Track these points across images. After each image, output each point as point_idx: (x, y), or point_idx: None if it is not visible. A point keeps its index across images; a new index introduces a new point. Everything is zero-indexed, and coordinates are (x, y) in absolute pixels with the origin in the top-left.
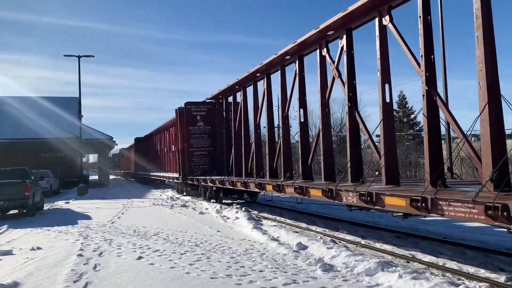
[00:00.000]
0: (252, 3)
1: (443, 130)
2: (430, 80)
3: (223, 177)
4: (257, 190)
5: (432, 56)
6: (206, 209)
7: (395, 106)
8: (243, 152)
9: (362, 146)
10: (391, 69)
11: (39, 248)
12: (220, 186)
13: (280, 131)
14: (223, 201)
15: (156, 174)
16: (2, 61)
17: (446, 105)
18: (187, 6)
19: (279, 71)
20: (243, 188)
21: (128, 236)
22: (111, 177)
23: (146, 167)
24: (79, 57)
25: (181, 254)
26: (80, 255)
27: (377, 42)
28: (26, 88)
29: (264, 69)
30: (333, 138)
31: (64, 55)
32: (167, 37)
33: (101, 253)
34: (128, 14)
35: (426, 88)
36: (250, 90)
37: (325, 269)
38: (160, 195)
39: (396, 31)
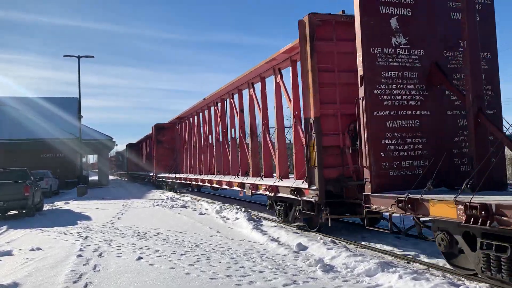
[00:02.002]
0: (253, 3)
1: None
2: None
3: None
4: None
5: None
6: (206, 209)
7: None
8: None
9: None
10: None
11: (38, 249)
12: None
13: None
14: None
15: (215, 179)
16: (2, 61)
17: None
18: (187, 6)
19: None
20: None
21: (128, 236)
22: (111, 177)
23: (172, 166)
24: (78, 57)
25: (181, 254)
26: (79, 255)
27: None
28: (26, 88)
29: None
30: None
31: (64, 56)
32: (167, 37)
33: (101, 253)
34: (128, 14)
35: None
36: None
37: (325, 270)
38: (160, 195)
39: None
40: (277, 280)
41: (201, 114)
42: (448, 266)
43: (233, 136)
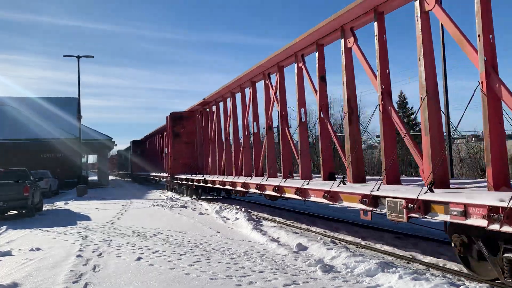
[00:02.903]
0: (252, 3)
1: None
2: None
3: None
4: None
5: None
6: (206, 210)
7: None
8: None
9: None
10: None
11: (38, 249)
12: None
13: None
14: None
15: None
16: (2, 61)
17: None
18: (187, 6)
19: None
20: None
21: (128, 236)
22: (112, 177)
23: (193, 166)
24: (78, 57)
25: (181, 255)
26: (79, 256)
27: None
28: (25, 88)
29: None
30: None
31: (64, 56)
32: (167, 37)
33: (101, 254)
34: (128, 14)
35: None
36: None
37: (325, 270)
38: (160, 195)
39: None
40: (277, 280)
41: (239, 94)
42: (448, 266)
43: (303, 119)
